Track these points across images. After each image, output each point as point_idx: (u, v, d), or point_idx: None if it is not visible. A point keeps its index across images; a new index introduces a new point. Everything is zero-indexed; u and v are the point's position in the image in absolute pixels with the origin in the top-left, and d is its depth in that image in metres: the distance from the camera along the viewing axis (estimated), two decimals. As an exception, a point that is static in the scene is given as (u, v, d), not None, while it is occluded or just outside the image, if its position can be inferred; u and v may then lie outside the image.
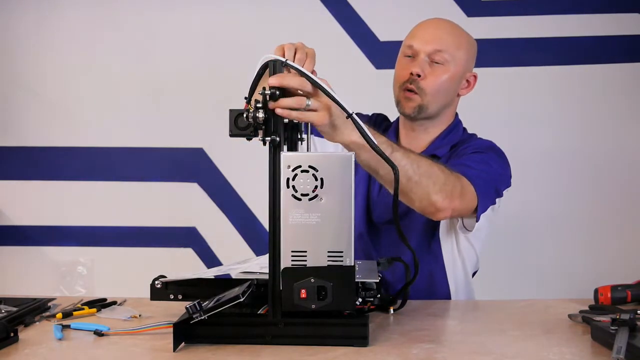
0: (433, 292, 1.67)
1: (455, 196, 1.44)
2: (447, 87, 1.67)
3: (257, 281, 1.29)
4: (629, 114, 2.51)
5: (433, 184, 1.41)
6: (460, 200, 1.46)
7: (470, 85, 1.74)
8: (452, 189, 1.44)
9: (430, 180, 1.40)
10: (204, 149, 2.66)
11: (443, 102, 1.69)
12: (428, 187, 1.40)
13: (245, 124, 1.22)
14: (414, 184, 1.39)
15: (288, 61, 1.21)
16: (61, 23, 2.68)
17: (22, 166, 2.71)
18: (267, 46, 1.39)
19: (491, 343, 1.20)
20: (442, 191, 1.42)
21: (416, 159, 1.40)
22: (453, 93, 1.71)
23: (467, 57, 1.70)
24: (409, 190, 1.40)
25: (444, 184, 1.42)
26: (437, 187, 1.41)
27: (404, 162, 1.36)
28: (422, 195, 1.41)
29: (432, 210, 1.45)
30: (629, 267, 2.37)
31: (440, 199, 1.42)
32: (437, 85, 1.65)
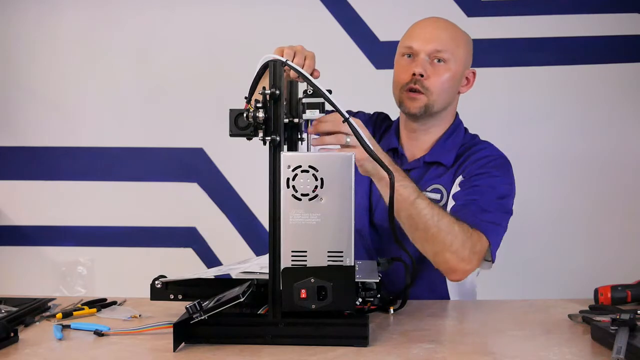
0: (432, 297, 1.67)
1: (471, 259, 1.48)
2: (450, 86, 1.68)
3: (257, 281, 1.29)
4: (629, 114, 2.51)
5: (450, 243, 1.45)
6: (478, 259, 1.51)
7: (470, 83, 1.74)
8: (469, 253, 1.47)
9: (448, 237, 1.44)
10: (204, 149, 2.66)
11: (447, 101, 1.69)
12: (444, 245, 1.45)
13: (245, 124, 1.22)
14: (431, 236, 1.43)
15: (288, 61, 1.21)
16: (61, 23, 2.68)
17: (22, 166, 2.71)
18: (267, 46, 1.39)
19: (491, 343, 1.20)
20: (457, 253, 1.46)
21: (439, 213, 1.44)
22: (455, 91, 1.71)
23: (466, 54, 1.71)
24: (424, 240, 1.45)
25: (462, 246, 1.46)
26: (454, 248, 1.45)
27: (426, 211, 1.42)
28: (436, 249, 1.46)
29: (445, 268, 1.49)
30: (629, 267, 2.37)
31: (455, 259, 1.46)
32: (441, 84, 1.66)
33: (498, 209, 1.58)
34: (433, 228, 1.43)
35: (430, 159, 1.71)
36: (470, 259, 1.48)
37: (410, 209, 1.41)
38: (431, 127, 1.73)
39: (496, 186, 1.62)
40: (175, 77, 2.65)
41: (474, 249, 1.48)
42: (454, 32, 1.70)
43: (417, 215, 1.42)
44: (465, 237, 1.46)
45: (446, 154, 1.70)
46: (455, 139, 1.73)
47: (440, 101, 1.67)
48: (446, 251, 1.45)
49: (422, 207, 1.42)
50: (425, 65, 1.65)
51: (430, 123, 1.72)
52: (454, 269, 1.48)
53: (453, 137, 1.73)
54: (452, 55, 1.66)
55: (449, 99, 1.70)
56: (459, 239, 1.45)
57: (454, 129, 1.74)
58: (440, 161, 1.70)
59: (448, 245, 1.45)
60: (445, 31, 1.69)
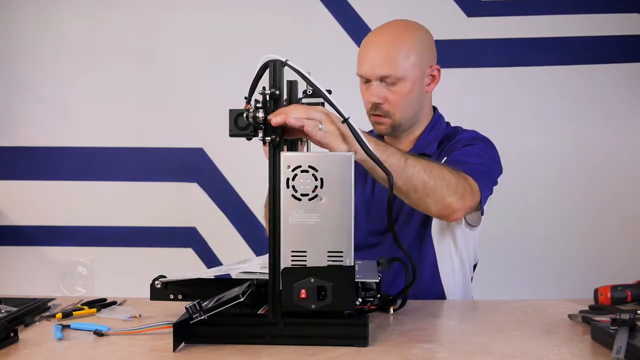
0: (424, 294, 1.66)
1: (467, 195, 1.48)
2: (412, 97, 1.69)
3: (257, 281, 1.29)
4: (629, 114, 2.51)
5: (447, 186, 1.44)
6: (471, 198, 1.50)
7: (436, 79, 1.74)
8: (463, 189, 1.47)
9: (443, 182, 1.43)
10: (204, 149, 2.66)
11: (414, 111, 1.72)
12: (442, 190, 1.43)
13: (245, 124, 1.22)
14: (430, 188, 1.42)
15: (288, 61, 1.21)
16: (61, 23, 2.68)
17: (22, 166, 2.71)
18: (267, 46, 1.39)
19: (491, 343, 1.20)
20: (456, 193, 1.45)
21: (428, 164, 1.43)
22: (420, 96, 1.72)
23: (420, 58, 1.68)
24: (425, 195, 1.43)
25: (456, 186, 1.45)
26: (451, 190, 1.45)
27: (418, 167, 1.39)
28: (438, 198, 1.44)
29: (448, 212, 1.48)
30: (629, 267, 2.37)
31: (455, 200, 1.45)
32: (400, 103, 1.68)
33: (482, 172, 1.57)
34: (429, 181, 1.41)
35: (415, 152, 1.72)
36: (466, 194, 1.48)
37: (405, 173, 1.38)
38: (412, 130, 1.77)
39: (481, 154, 1.63)
40: (175, 77, 2.66)
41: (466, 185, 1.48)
42: (397, 48, 1.66)
43: (412, 176, 1.40)
44: (455, 176, 1.47)
45: (429, 145, 1.74)
46: (437, 131, 1.77)
47: (406, 116, 1.71)
48: (447, 196, 1.44)
49: (413, 167, 1.39)
50: (379, 92, 1.66)
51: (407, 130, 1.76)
52: (456, 208, 1.47)
53: (434, 130, 1.77)
54: (403, 72, 1.65)
55: (415, 107, 1.72)
56: (452, 180, 1.45)
57: (434, 123, 1.77)
58: (424, 152, 1.72)
59: (446, 190, 1.44)
60: (388, 50, 1.65)
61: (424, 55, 1.69)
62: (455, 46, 2.52)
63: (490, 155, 1.67)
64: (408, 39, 1.67)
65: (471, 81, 2.51)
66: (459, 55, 2.52)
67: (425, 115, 1.77)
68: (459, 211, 1.48)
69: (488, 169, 1.62)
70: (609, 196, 2.50)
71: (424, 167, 1.41)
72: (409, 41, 1.67)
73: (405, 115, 1.70)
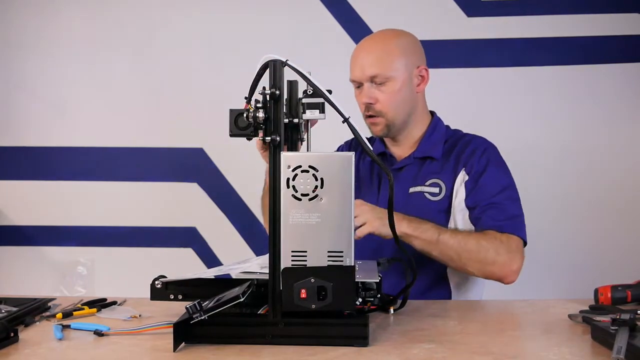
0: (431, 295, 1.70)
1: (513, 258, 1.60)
2: (402, 97, 1.74)
3: (257, 281, 1.29)
4: (629, 114, 2.51)
5: (484, 258, 1.58)
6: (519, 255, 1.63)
7: (425, 79, 1.79)
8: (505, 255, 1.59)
9: (480, 254, 1.58)
10: (204, 149, 2.66)
11: (406, 111, 1.76)
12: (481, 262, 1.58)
13: (245, 124, 1.22)
14: (466, 260, 1.58)
15: (288, 61, 1.21)
16: (61, 23, 2.68)
17: (22, 166, 2.71)
18: (267, 46, 1.39)
19: (491, 343, 1.20)
20: (496, 262, 1.59)
21: (464, 237, 1.58)
22: (411, 96, 1.76)
23: (407, 59, 1.74)
24: (462, 265, 1.60)
25: (497, 255, 1.58)
26: (490, 260, 1.58)
27: (452, 242, 1.57)
28: (477, 268, 1.60)
29: (495, 278, 1.62)
30: (629, 267, 2.37)
31: (498, 269, 1.59)
32: (391, 102, 1.73)
33: (510, 202, 1.69)
34: (464, 253, 1.57)
35: (419, 154, 1.78)
36: (512, 260, 1.60)
37: (438, 246, 1.56)
38: (409, 132, 1.80)
39: (500, 178, 1.72)
40: (175, 77, 2.65)
41: (509, 250, 1.60)
42: (385, 49, 1.74)
43: (446, 250, 1.56)
44: (495, 245, 1.58)
45: (433, 147, 1.78)
46: (437, 134, 1.81)
47: (400, 115, 1.75)
48: (486, 266, 1.59)
49: (446, 241, 1.56)
50: (370, 92, 1.73)
51: (405, 130, 1.79)
52: (502, 276, 1.61)
53: (435, 133, 1.81)
54: (391, 72, 1.72)
55: (407, 108, 1.76)
56: (491, 250, 1.58)
57: (434, 126, 1.82)
58: (430, 155, 1.77)
59: (484, 260, 1.58)
60: (376, 51, 1.73)
61: (409, 56, 1.76)
62: (455, 46, 2.52)
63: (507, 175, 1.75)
64: (392, 42, 1.75)
65: (471, 81, 2.51)
66: (459, 55, 2.52)
67: (422, 116, 1.81)
68: (506, 277, 1.61)
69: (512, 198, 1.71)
70: (609, 196, 2.50)
71: (459, 240, 1.57)
72: (394, 44, 1.75)
73: (398, 114, 1.75)
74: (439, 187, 1.73)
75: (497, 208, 1.66)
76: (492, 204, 1.67)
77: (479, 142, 1.77)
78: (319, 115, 1.27)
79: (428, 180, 1.74)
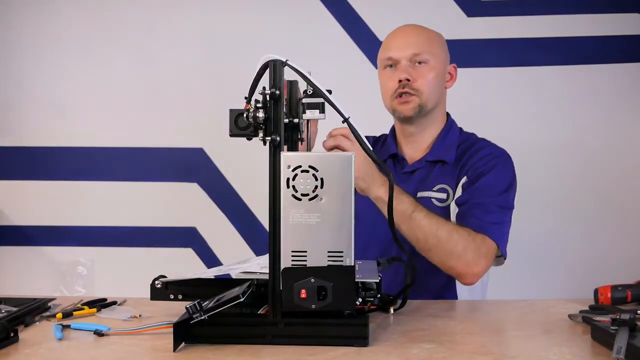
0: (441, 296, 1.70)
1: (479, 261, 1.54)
2: (437, 83, 1.74)
3: (257, 281, 1.29)
4: (629, 114, 2.51)
5: (451, 250, 1.52)
6: (484, 262, 1.56)
7: (453, 77, 1.81)
8: (473, 255, 1.53)
9: (448, 245, 1.51)
10: (204, 149, 2.66)
11: (436, 99, 1.75)
12: (446, 253, 1.52)
13: (246, 124, 1.22)
14: (432, 245, 1.52)
15: (288, 61, 1.21)
16: (61, 23, 2.68)
17: (22, 166, 2.71)
18: (267, 46, 1.39)
19: (491, 343, 1.20)
20: (461, 259, 1.53)
21: (437, 222, 1.51)
22: (441, 88, 1.77)
23: (443, 52, 1.77)
24: (427, 249, 1.53)
25: (464, 251, 1.52)
26: (455, 255, 1.52)
27: (424, 222, 1.50)
28: (441, 258, 1.53)
29: (454, 274, 1.56)
30: (629, 267, 2.37)
31: (460, 265, 1.53)
32: (428, 83, 1.72)
33: (499, 208, 1.64)
34: (432, 238, 1.50)
35: (432, 157, 1.76)
36: (477, 262, 1.53)
37: (409, 222, 1.50)
38: (426, 128, 1.78)
39: (496, 184, 1.67)
40: (175, 77, 2.65)
41: (478, 251, 1.54)
42: (426, 34, 1.76)
43: (416, 228, 1.50)
44: (466, 242, 1.52)
45: (447, 151, 1.76)
46: (452, 137, 1.79)
47: (432, 100, 1.74)
48: (450, 258, 1.53)
49: (419, 219, 1.50)
50: (409, 70, 1.71)
51: (425, 124, 1.78)
52: (462, 274, 1.55)
53: (449, 135, 1.79)
54: (431, 55, 1.72)
55: (438, 96, 1.76)
56: (460, 245, 1.52)
57: (448, 128, 1.80)
58: (442, 159, 1.75)
59: (449, 252, 1.52)
60: (419, 35, 1.75)
61: (445, 52, 1.79)
62: (455, 46, 2.50)
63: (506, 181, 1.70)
64: (433, 34, 1.78)
65: (471, 81, 2.51)
66: (459, 55, 2.50)
67: (441, 115, 1.81)
68: (466, 277, 1.55)
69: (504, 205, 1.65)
70: (609, 196, 2.50)
71: (432, 223, 1.51)
72: (435, 36, 1.78)
73: (431, 98, 1.73)
74: (446, 192, 1.71)
75: (484, 209, 1.62)
76: (481, 204, 1.63)
77: (490, 151, 1.73)
78: (319, 115, 1.27)
79: (436, 186, 1.73)
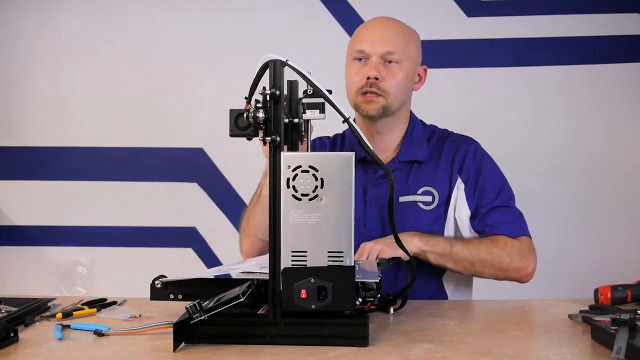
0: None
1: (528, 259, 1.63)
2: (405, 85, 1.69)
3: (257, 281, 1.29)
4: (629, 114, 2.51)
5: (498, 265, 1.61)
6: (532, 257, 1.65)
7: (422, 79, 1.76)
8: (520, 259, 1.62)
9: (494, 262, 1.60)
10: (204, 149, 2.66)
11: (403, 100, 1.71)
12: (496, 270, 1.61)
13: (246, 124, 1.22)
14: (481, 269, 1.61)
15: (288, 61, 1.21)
16: (61, 23, 2.68)
17: (22, 166, 2.71)
18: (267, 46, 1.39)
19: (491, 343, 1.20)
20: (511, 268, 1.62)
21: (476, 246, 1.60)
22: (409, 90, 1.73)
23: (416, 52, 1.72)
24: (478, 273, 1.64)
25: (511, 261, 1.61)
26: (505, 266, 1.61)
27: (465, 253, 1.59)
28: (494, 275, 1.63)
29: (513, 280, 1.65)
30: (629, 267, 2.37)
31: (513, 274, 1.63)
32: (396, 84, 1.66)
33: (508, 201, 1.69)
34: (478, 264, 1.59)
35: (405, 157, 1.72)
36: (526, 263, 1.62)
37: (452, 258, 1.58)
38: (393, 126, 1.74)
39: (495, 178, 1.71)
40: (175, 77, 2.66)
41: (522, 253, 1.62)
42: (403, 31, 1.70)
43: (459, 262, 1.59)
44: (508, 251, 1.61)
45: (418, 149, 1.73)
46: (418, 133, 1.76)
47: (397, 101, 1.68)
48: (502, 272, 1.62)
49: (459, 252, 1.58)
50: (379, 68, 1.65)
51: (391, 122, 1.73)
52: (519, 278, 1.64)
53: (415, 132, 1.75)
54: (404, 55, 1.67)
55: (404, 98, 1.71)
56: (504, 257, 1.60)
57: (413, 124, 1.76)
58: (416, 159, 1.71)
59: (499, 268, 1.61)
60: (395, 31, 1.69)
61: (418, 52, 1.73)
62: (455, 46, 2.52)
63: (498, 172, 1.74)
64: (410, 31, 1.72)
65: (471, 81, 2.51)
66: (459, 55, 2.52)
67: (406, 116, 1.76)
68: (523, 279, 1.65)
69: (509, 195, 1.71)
70: (609, 196, 2.50)
71: (471, 250, 1.59)
72: (412, 34, 1.72)
73: (397, 99, 1.68)
74: (431, 195, 1.68)
75: (502, 211, 1.67)
76: (496, 207, 1.67)
77: (468, 144, 1.73)
78: (319, 115, 1.27)
79: (420, 189, 1.68)
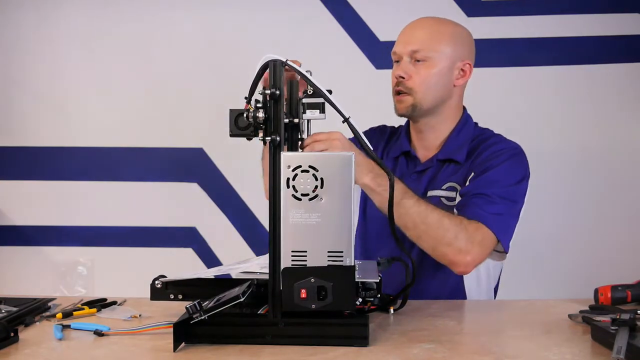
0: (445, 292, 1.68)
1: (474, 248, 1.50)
2: (436, 82, 1.68)
3: (257, 281, 1.29)
4: (628, 114, 2.51)
5: (442, 236, 1.48)
6: (480, 249, 1.51)
7: (466, 74, 1.74)
8: (466, 242, 1.49)
9: (439, 231, 1.48)
10: (204, 149, 2.66)
11: (436, 97, 1.69)
12: (436, 239, 1.49)
13: (246, 124, 1.22)
14: (422, 232, 1.48)
15: (288, 61, 1.21)
16: (61, 23, 2.68)
17: (22, 166, 2.71)
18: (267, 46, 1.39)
19: (491, 343, 1.20)
20: (452, 245, 1.49)
21: (427, 209, 1.48)
22: (446, 86, 1.70)
23: (453, 48, 1.69)
24: (417, 237, 1.50)
25: (455, 238, 1.48)
26: (447, 240, 1.48)
27: (413, 209, 1.46)
28: (431, 245, 1.50)
29: (446, 262, 1.52)
30: (629, 267, 2.37)
31: (451, 252, 1.49)
32: (423, 82, 1.66)
33: (501, 199, 1.59)
34: (422, 225, 1.47)
35: (443, 156, 1.72)
36: (469, 250, 1.49)
37: (398, 209, 1.43)
38: (437, 125, 1.73)
39: (502, 177, 1.63)
40: (175, 77, 2.66)
41: (471, 239, 1.50)
42: (435, 29, 1.70)
43: (405, 215, 1.46)
44: (458, 229, 1.49)
45: (458, 150, 1.71)
46: (465, 133, 1.73)
47: (429, 98, 1.68)
48: (440, 245, 1.49)
49: (408, 206, 1.46)
50: (406, 67, 1.67)
51: (434, 122, 1.72)
52: (453, 261, 1.51)
53: (463, 132, 1.73)
54: (433, 52, 1.66)
55: (438, 95, 1.69)
56: (451, 231, 1.48)
57: (463, 123, 1.74)
58: (453, 158, 1.70)
59: (440, 239, 1.49)
60: (424, 30, 1.69)
61: (458, 46, 1.70)
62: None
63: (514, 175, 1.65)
64: (445, 27, 1.71)
65: (471, 81, 2.50)
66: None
67: (454, 112, 1.74)
68: (457, 265, 1.51)
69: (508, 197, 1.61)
70: (609, 196, 2.50)
71: (420, 210, 1.47)
72: (446, 29, 1.71)
73: (427, 97, 1.68)
74: (455, 190, 1.66)
75: (485, 199, 1.57)
76: (482, 195, 1.58)
77: (501, 147, 1.69)
78: (319, 115, 1.27)
79: (445, 184, 1.68)
